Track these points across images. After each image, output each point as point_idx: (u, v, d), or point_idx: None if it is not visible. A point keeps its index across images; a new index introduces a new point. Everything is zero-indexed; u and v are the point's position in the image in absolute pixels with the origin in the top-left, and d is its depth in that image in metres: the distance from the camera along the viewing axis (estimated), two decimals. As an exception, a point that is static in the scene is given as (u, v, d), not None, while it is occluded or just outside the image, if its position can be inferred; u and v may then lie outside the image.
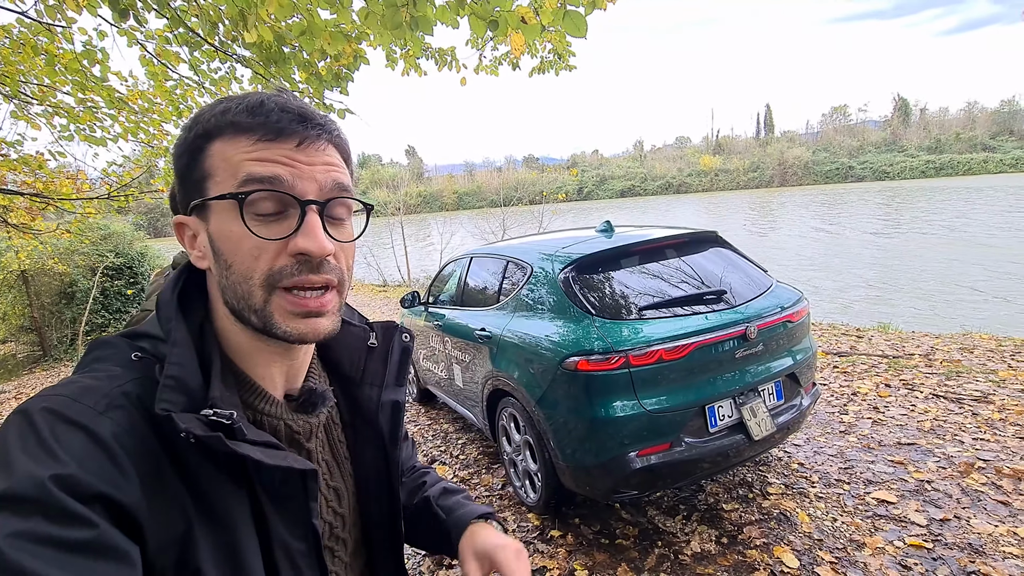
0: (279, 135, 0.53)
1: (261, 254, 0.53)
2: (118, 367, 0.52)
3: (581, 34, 1.59)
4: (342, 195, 0.57)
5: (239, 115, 0.53)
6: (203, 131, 0.54)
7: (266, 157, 0.52)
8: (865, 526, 2.45)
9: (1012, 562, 2.11)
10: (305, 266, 0.54)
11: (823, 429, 3.49)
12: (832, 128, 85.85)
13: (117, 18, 2.22)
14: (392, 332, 0.75)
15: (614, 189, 77.39)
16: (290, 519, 0.57)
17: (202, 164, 0.54)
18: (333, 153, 0.58)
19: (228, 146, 0.53)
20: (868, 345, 5.46)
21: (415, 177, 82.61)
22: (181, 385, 0.50)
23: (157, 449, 0.48)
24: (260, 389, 0.60)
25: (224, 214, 0.53)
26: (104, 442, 0.44)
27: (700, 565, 2.32)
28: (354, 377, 0.73)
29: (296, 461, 0.56)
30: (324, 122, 0.57)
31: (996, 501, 2.52)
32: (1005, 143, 64.52)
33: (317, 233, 0.53)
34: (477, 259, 3.69)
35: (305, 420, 0.64)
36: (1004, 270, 12.40)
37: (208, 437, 0.48)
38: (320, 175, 0.55)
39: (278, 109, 0.54)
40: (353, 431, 0.73)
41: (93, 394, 0.47)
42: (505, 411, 2.95)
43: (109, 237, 11.38)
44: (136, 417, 0.48)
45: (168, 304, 0.56)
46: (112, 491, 0.43)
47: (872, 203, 34.15)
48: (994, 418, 3.35)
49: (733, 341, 2.42)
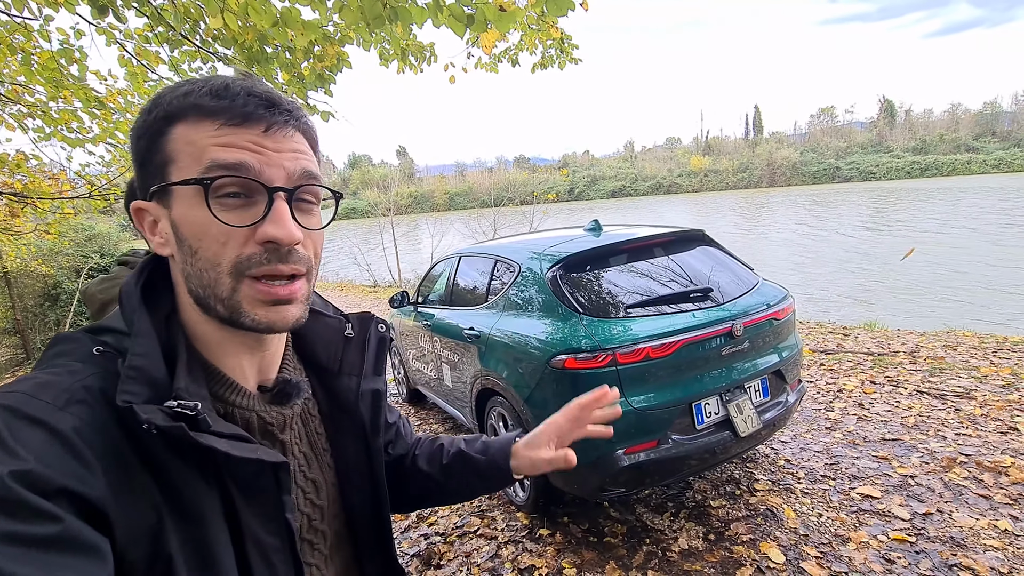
0: (245, 120, 0.52)
1: (228, 240, 0.52)
2: (79, 362, 0.51)
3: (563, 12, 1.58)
4: (310, 183, 0.56)
5: (203, 98, 0.52)
6: (164, 113, 0.52)
7: (232, 143, 0.51)
8: (850, 521, 2.48)
9: (992, 554, 2.15)
10: (274, 255, 0.53)
11: (809, 426, 3.52)
12: (819, 129, 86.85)
13: (96, 14, 2.18)
14: (368, 322, 0.75)
15: (605, 189, 77.70)
16: (262, 514, 0.56)
17: (164, 148, 0.52)
18: (301, 140, 0.57)
19: (192, 130, 0.51)
20: (854, 343, 5.52)
21: (406, 177, 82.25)
22: (144, 376, 0.49)
23: (122, 442, 0.47)
24: (230, 381, 0.59)
25: (188, 200, 0.52)
26: (65, 437, 0.43)
27: (687, 562, 2.33)
28: (331, 368, 0.72)
29: (266, 453, 0.55)
30: (291, 107, 0.56)
31: (977, 495, 2.55)
32: (988, 144, 65.66)
33: (286, 220, 0.52)
34: (466, 258, 3.68)
35: (279, 411, 0.63)
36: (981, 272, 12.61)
37: (170, 427, 0.47)
38: (288, 162, 0.54)
39: (244, 93, 0.52)
40: (332, 422, 0.72)
41: (52, 389, 0.46)
42: (494, 410, 2.94)
43: (94, 238, 11.21)
44: (98, 411, 0.47)
45: (131, 295, 0.55)
46: (76, 485, 0.42)
47: (858, 204, 34.57)
48: (976, 413, 3.40)
49: (720, 339, 2.44)
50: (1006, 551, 2.16)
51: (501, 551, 2.58)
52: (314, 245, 0.58)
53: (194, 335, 0.57)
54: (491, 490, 0.91)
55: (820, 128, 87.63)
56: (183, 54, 2.75)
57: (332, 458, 0.71)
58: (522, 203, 17.86)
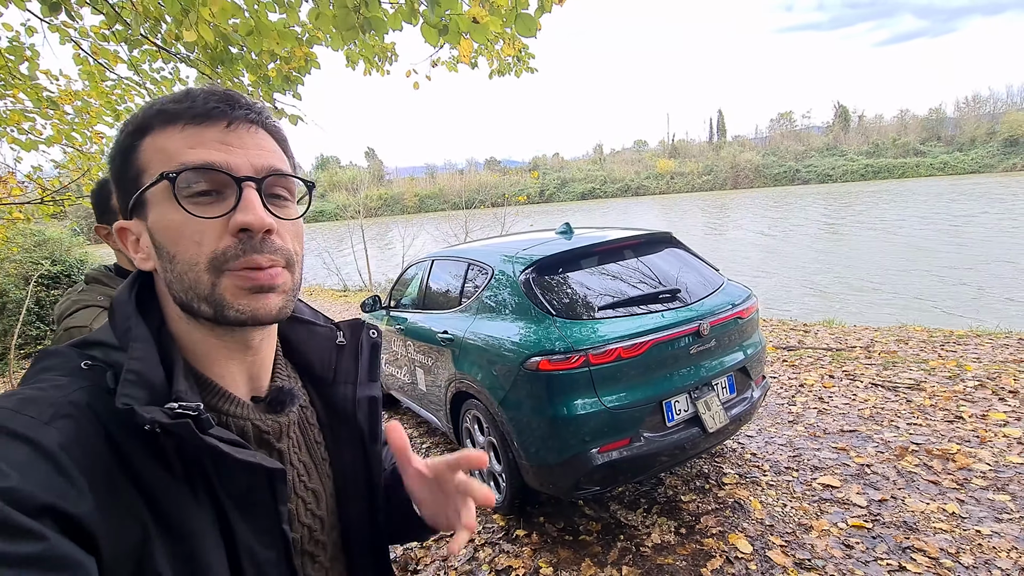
0: (207, 117, 0.53)
1: (203, 238, 0.52)
2: (65, 376, 0.50)
3: (531, 34, 1.62)
4: (278, 174, 0.56)
5: (166, 105, 0.53)
6: (134, 128, 0.54)
7: (197, 142, 0.52)
8: (812, 510, 2.59)
9: (942, 536, 2.28)
10: (248, 244, 0.53)
11: (773, 420, 3.65)
12: (779, 133, 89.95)
13: (46, 11, 2.10)
14: (359, 329, 0.75)
15: (575, 192, 78.47)
16: (257, 526, 0.56)
17: (136, 161, 0.53)
18: (265, 136, 0.57)
19: (159, 137, 0.53)
20: (814, 339, 5.76)
21: (375, 179, 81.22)
22: (143, 380, 0.49)
23: (108, 458, 0.47)
24: (221, 390, 0.58)
25: (161, 205, 0.52)
26: (50, 453, 0.43)
27: (660, 556, 2.40)
28: (327, 377, 0.72)
29: (264, 460, 0.55)
30: (251, 105, 0.56)
31: (928, 481, 2.71)
32: (934, 148, 69.30)
33: (256, 206, 0.53)
34: (439, 262, 3.68)
35: (274, 420, 0.62)
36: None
37: (175, 424, 0.47)
38: (254, 158, 0.54)
39: (204, 94, 0.54)
40: (330, 431, 0.71)
41: (36, 404, 0.46)
42: (469, 413, 2.95)
43: (44, 244, 10.66)
44: (85, 426, 0.46)
45: (125, 304, 0.55)
46: (60, 502, 0.41)
47: (816, 205, 35.98)
48: (925, 404, 3.60)
49: (688, 338, 2.51)
50: (954, 533, 2.30)
51: (478, 553, 2.59)
52: (292, 239, 0.58)
53: (183, 346, 0.57)
54: (414, 536, 0.81)
55: (780, 132, 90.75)
56: (143, 53, 2.66)
57: (331, 467, 0.70)
58: (493, 205, 17.89)
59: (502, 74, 2.98)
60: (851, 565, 2.18)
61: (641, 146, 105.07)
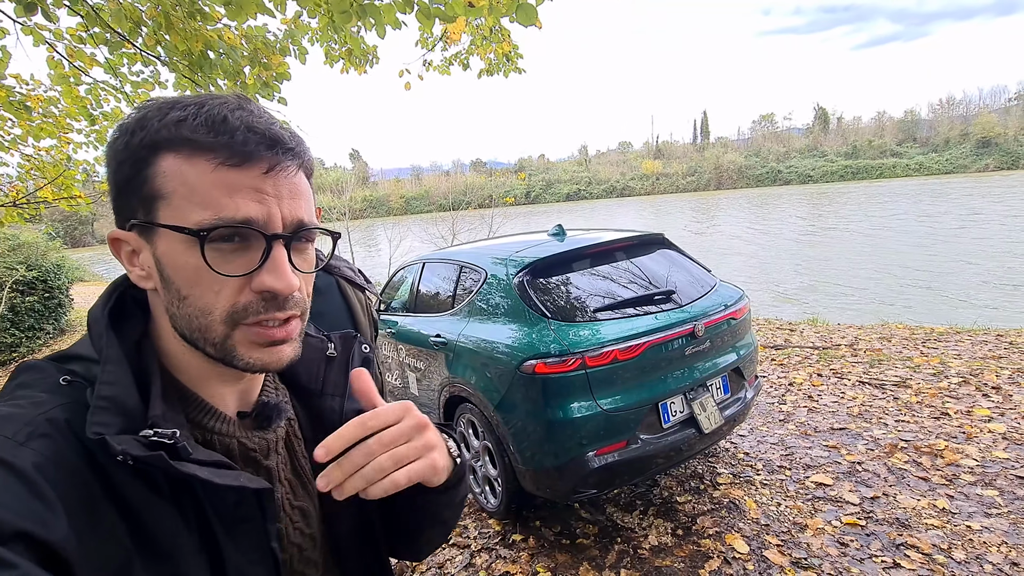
0: (246, 160, 0.48)
1: (222, 289, 0.49)
2: (44, 393, 0.48)
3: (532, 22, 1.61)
4: (308, 228, 0.54)
5: (198, 131, 0.47)
6: (152, 141, 0.48)
7: (233, 187, 0.48)
8: (806, 508, 2.61)
9: (934, 532, 2.31)
10: (271, 303, 0.51)
11: (765, 419, 3.69)
12: (761, 135, 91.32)
13: (21, 11, 2.03)
14: (352, 342, 0.73)
15: (561, 193, 78.75)
16: (246, 544, 0.54)
17: (150, 180, 0.48)
18: (301, 179, 0.54)
19: (185, 166, 0.47)
20: (800, 338, 5.83)
21: (360, 181, 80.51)
22: (116, 405, 0.46)
23: (88, 478, 0.44)
24: (208, 406, 0.56)
25: (178, 244, 0.48)
26: (24, 475, 0.41)
27: (658, 558, 2.39)
28: (314, 389, 0.69)
29: (249, 480, 0.53)
30: (295, 144, 0.53)
31: (918, 477, 2.75)
32: (910, 149, 70.96)
33: (284, 271, 0.50)
34: (430, 265, 3.64)
35: (261, 436, 0.60)
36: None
37: (148, 457, 0.45)
38: (287, 210, 0.51)
39: (244, 128, 0.48)
40: (315, 445, 0.67)
41: (12, 423, 0.44)
42: (463, 417, 2.92)
43: (18, 248, 10.35)
44: (62, 445, 0.44)
45: (98, 320, 0.52)
46: (34, 528, 0.39)
47: (799, 205, 36.59)
48: (912, 401, 3.66)
49: (682, 339, 2.52)
50: (945, 528, 2.33)
51: (475, 559, 2.56)
52: (307, 285, 0.56)
53: (172, 362, 0.55)
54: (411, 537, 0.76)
55: (762, 134, 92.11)
56: (120, 56, 2.58)
57: None
58: (480, 207, 17.84)
59: (491, 74, 2.96)
60: (847, 563, 2.20)
61: (626, 147, 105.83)
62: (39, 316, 10.49)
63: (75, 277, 12.43)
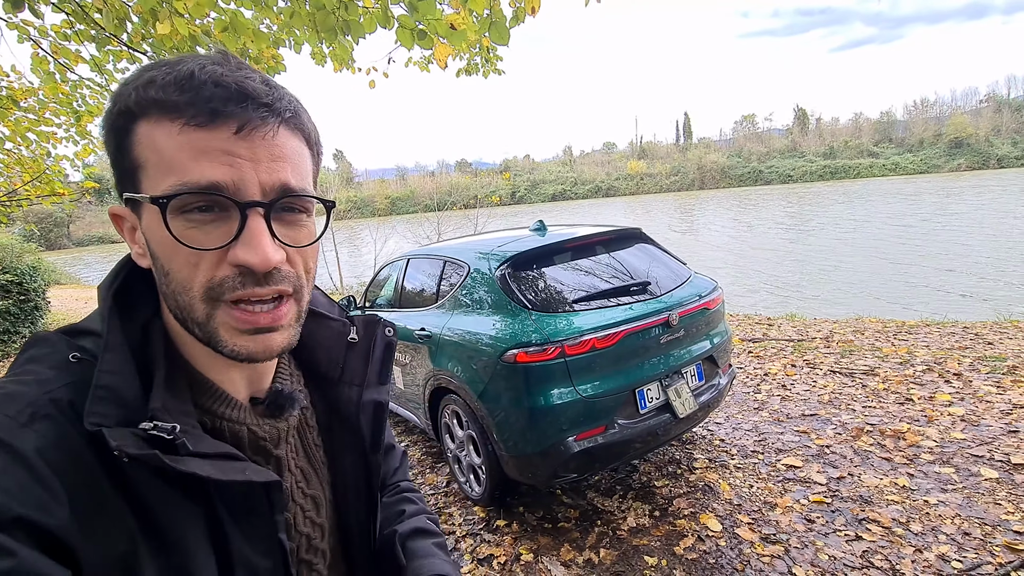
0: (213, 118, 0.44)
1: (199, 262, 0.46)
2: (51, 369, 0.46)
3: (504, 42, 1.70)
4: (291, 196, 0.48)
5: (166, 91, 0.44)
6: (125, 107, 0.45)
7: (198, 151, 0.44)
8: (776, 489, 2.73)
9: (894, 507, 2.45)
10: (249, 278, 0.47)
11: (740, 407, 3.82)
12: (743, 135, 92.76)
13: (9, 8, 2.05)
14: (375, 327, 0.69)
15: (546, 193, 79.12)
16: (253, 534, 0.52)
17: (131, 150, 0.46)
18: (284, 139, 0.48)
19: (155, 130, 0.45)
20: (778, 332, 6.01)
21: (344, 182, 79.87)
22: (114, 395, 0.44)
23: (93, 463, 0.43)
24: (219, 391, 0.54)
25: (155, 216, 0.45)
26: (25, 459, 0.39)
27: (636, 538, 2.49)
28: (332, 376, 0.67)
29: (256, 473, 0.51)
30: (272, 100, 0.47)
31: (881, 458, 2.89)
32: (886, 150, 72.77)
33: (259, 242, 0.46)
34: (414, 260, 3.71)
35: (272, 425, 0.58)
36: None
37: (143, 455, 0.42)
38: (264, 173, 0.46)
39: (211, 83, 0.44)
40: (330, 434, 0.67)
41: (15, 403, 0.42)
42: (448, 408, 2.99)
43: (-8, 250, 10.14)
44: (67, 428, 0.43)
45: (104, 300, 0.50)
46: (35, 514, 0.38)
47: (780, 205, 37.23)
48: (879, 388, 3.82)
49: (658, 328, 2.62)
50: (904, 504, 2.47)
51: (460, 544, 2.63)
52: (304, 261, 0.52)
53: (180, 343, 0.53)
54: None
55: (743, 134, 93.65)
56: (106, 54, 2.60)
57: (329, 473, 0.67)
58: (466, 207, 17.89)
59: (469, 74, 3.04)
60: (812, 537, 2.32)
61: (610, 148, 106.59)
62: (14, 320, 10.29)
63: (51, 280, 12.20)
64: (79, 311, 14.01)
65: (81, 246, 66.46)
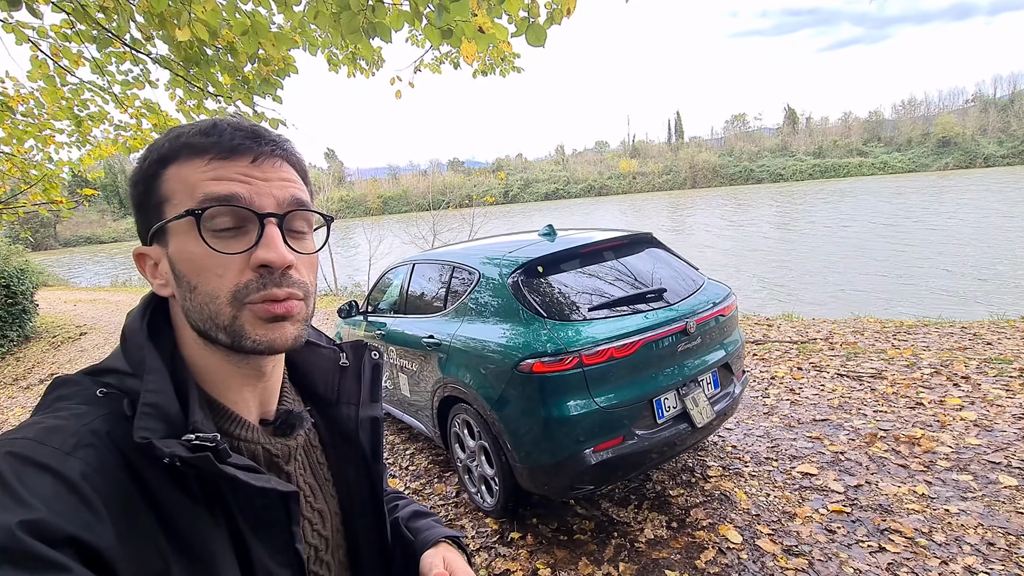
0: (233, 152, 0.54)
1: (225, 272, 0.53)
2: (84, 405, 0.51)
3: (541, 43, 1.64)
4: (300, 208, 0.59)
5: (193, 137, 0.54)
6: (158, 157, 0.55)
7: (222, 175, 0.54)
8: (794, 498, 2.70)
9: (915, 517, 2.42)
10: (269, 279, 0.55)
11: (750, 412, 3.79)
12: (734, 134, 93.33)
13: (6, 7, 1.96)
14: (362, 351, 0.77)
15: (539, 192, 79.11)
16: (273, 545, 0.57)
17: (159, 189, 0.55)
18: (288, 170, 0.59)
19: (184, 168, 0.54)
20: (778, 332, 5.99)
21: (336, 182, 79.40)
22: (159, 412, 0.50)
23: (129, 486, 0.47)
24: (234, 415, 0.60)
25: (184, 236, 0.54)
26: (73, 483, 0.44)
27: (655, 550, 2.44)
28: (330, 398, 0.74)
29: (278, 483, 0.56)
30: (277, 139, 0.59)
31: (897, 465, 2.87)
32: (875, 149, 73.49)
33: (277, 244, 0.55)
34: (420, 265, 3.63)
35: (283, 443, 0.64)
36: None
37: (194, 458, 0.48)
38: (277, 191, 0.56)
39: (231, 128, 0.55)
40: (333, 451, 0.73)
41: (59, 434, 0.47)
42: (458, 418, 2.93)
43: (-22, 253, 9.93)
44: (106, 455, 0.47)
45: (137, 333, 0.56)
46: (83, 533, 0.42)
47: (771, 204, 37.50)
48: (888, 392, 3.81)
49: (675, 336, 2.57)
50: (925, 513, 2.44)
51: (473, 559, 2.57)
52: (308, 272, 0.61)
53: (197, 371, 0.58)
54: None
55: (734, 133, 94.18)
56: (108, 56, 2.50)
57: (335, 488, 0.73)
58: (460, 206, 17.79)
59: (486, 74, 2.97)
60: (835, 549, 2.29)
61: (603, 147, 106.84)
62: (2, 323, 10.07)
63: (39, 282, 11.95)
64: (68, 314, 13.75)
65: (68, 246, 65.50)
